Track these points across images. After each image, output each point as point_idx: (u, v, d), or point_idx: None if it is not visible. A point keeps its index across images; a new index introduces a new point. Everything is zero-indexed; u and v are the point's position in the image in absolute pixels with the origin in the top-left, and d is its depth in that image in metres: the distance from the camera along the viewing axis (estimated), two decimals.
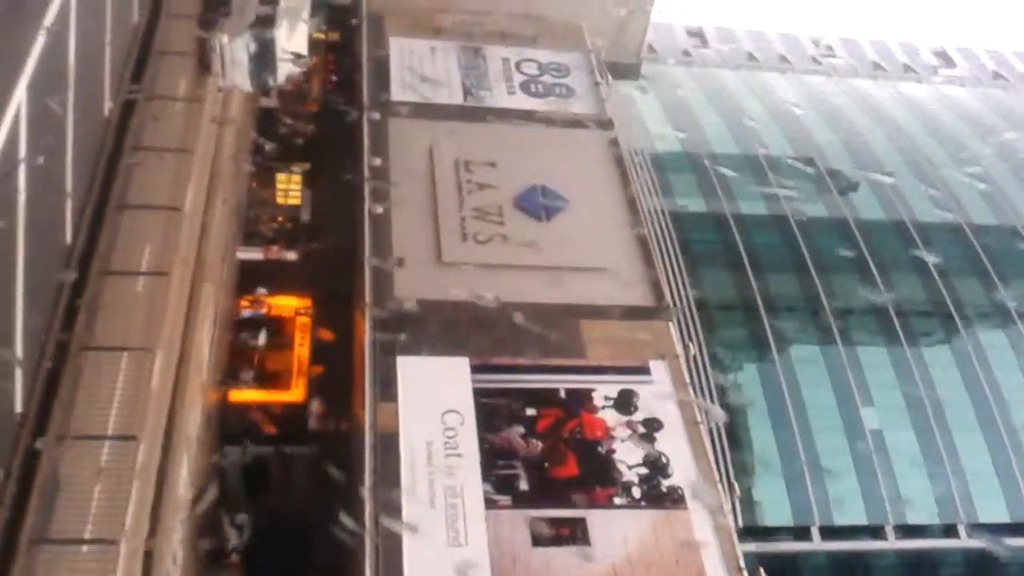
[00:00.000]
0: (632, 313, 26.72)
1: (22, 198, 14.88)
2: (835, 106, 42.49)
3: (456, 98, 33.73)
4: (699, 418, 24.48)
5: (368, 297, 24.78)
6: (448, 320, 24.98)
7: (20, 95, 14.88)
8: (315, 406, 24.73)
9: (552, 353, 24.91)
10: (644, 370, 25.14)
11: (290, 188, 29.36)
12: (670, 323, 26.75)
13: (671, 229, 31.37)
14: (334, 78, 34.83)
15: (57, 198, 17.36)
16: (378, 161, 29.30)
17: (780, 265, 31.95)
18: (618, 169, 31.96)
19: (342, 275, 26.63)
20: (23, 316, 14.96)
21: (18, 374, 14.96)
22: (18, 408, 15.05)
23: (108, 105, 20.98)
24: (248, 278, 26.85)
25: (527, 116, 33.34)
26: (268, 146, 29.22)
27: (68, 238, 17.89)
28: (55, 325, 16.73)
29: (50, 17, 16.29)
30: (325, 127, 31.71)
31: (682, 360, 25.53)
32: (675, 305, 27.95)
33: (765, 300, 30.30)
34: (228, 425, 23.79)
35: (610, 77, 36.62)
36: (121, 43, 22.01)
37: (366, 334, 23.83)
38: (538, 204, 29.59)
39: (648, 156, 34.60)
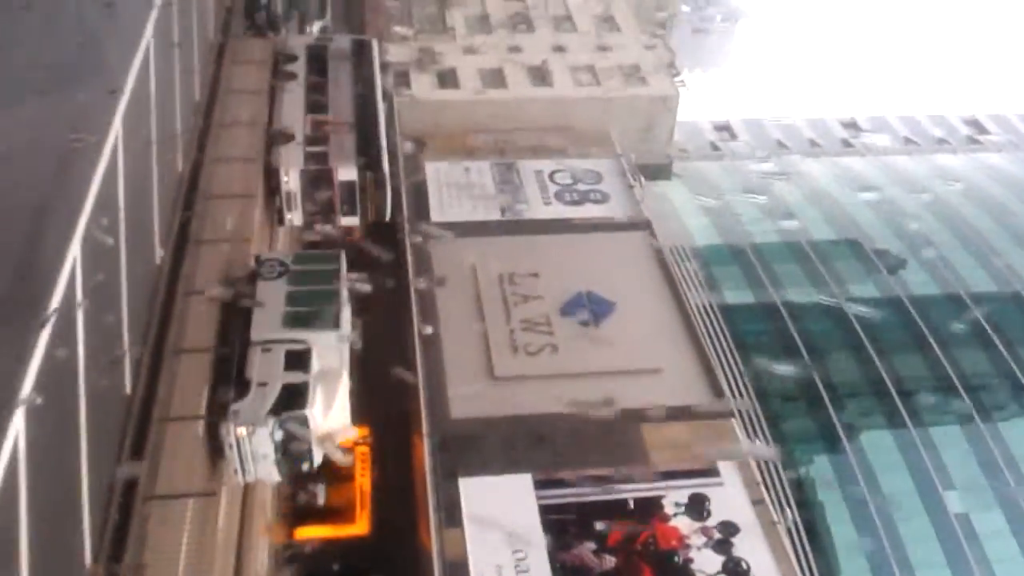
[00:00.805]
0: (693, 413, 26.15)
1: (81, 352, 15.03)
2: (872, 185, 42.29)
3: (494, 214, 34.16)
4: (775, 518, 23.58)
5: (425, 420, 24.49)
6: (507, 437, 24.59)
7: (75, 250, 15.23)
8: None
9: (616, 462, 24.32)
10: (713, 472, 24.42)
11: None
12: (734, 421, 26.11)
13: (722, 323, 30.92)
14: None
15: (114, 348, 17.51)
16: (423, 283, 29.48)
17: (838, 350, 31.26)
18: (661, 268, 31.89)
19: (397, 401, 26.40)
20: (88, 468, 14.89)
21: (86, 525, 14.79)
22: (88, 561, 14.81)
23: (159, 253, 21.39)
24: None
25: (565, 224, 33.57)
26: None
27: (128, 388, 17.95)
28: (119, 474, 16.62)
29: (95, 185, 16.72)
30: (369, 254, 32.05)
31: (751, 459, 24.76)
32: (736, 401, 27.28)
33: (828, 388, 29.52)
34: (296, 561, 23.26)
35: (643, 179, 36.94)
36: (167, 191, 22.58)
37: (425, 459, 23.48)
38: (585, 310, 29.50)
39: (690, 251, 34.48)
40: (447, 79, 41.36)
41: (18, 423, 12.24)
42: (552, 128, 38.27)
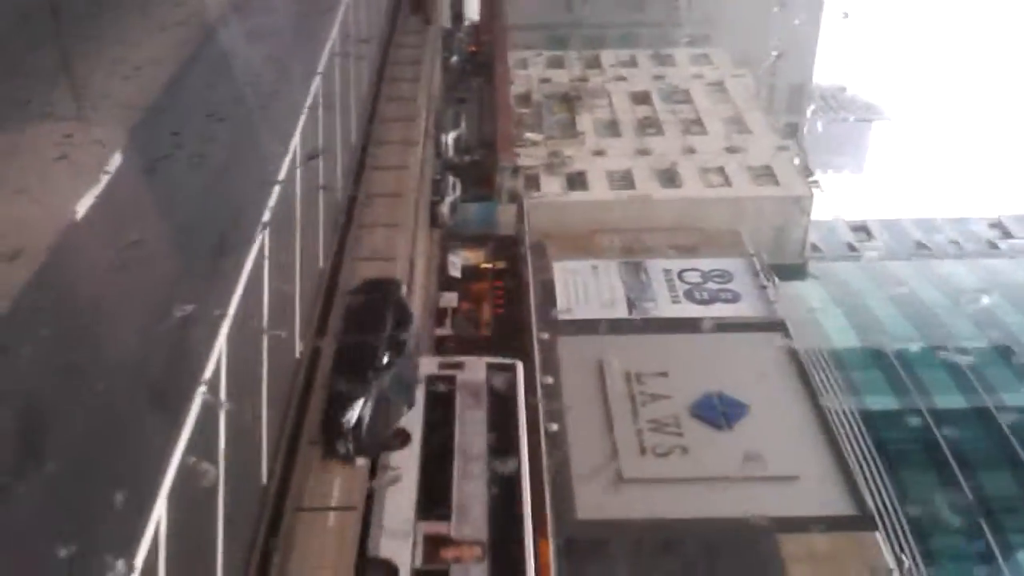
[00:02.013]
0: (834, 524, 24.79)
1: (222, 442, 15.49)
2: (1021, 288, 40.11)
3: (620, 312, 34.00)
4: None
5: (550, 523, 23.99)
6: (634, 541, 23.81)
7: (221, 344, 15.88)
8: None
9: (750, 573, 23.15)
10: None
11: None
12: (878, 533, 24.57)
13: (863, 430, 29.46)
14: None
15: (254, 438, 18.01)
16: (550, 379, 29.38)
17: (992, 463, 29.18)
18: (797, 370, 30.83)
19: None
20: (223, 559, 15.16)
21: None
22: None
23: (299, 348, 22.10)
24: None
25: (694, 324, 33.05)
26: None
27: (264, 478, 18.37)
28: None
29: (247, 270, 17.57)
30: (498, 350, 32.31)
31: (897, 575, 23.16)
32: (880, 514, 25.71)
33: (981, 502, 27.49)
34: None
35: (776, 279, 36.17)
36: (310, 287, 23.46)
37: (551, 564, 22.90)
38: (716, 412, 28.65)
39: (827, 355, 33.24)
40: (576, 181, 42.09)
41: (160, 509, 12.60)
42: (680, 228, 38.18)
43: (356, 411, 18.05)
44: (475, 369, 23.52)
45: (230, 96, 19.40)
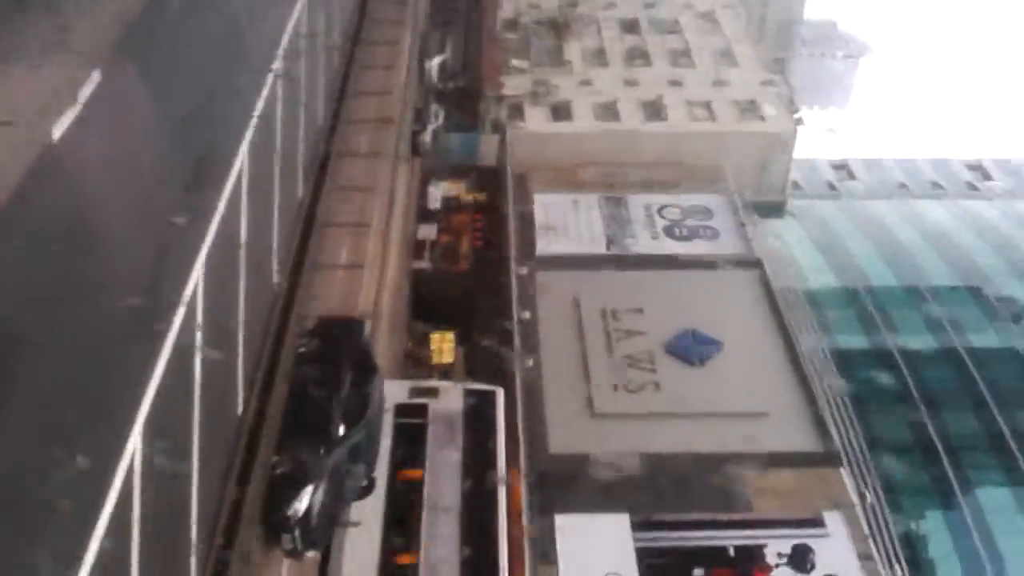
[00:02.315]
0: (800, 460, 25.44)
1: (197, 369, 15.65)
2: (998, 230, 40.47)
3: (600, 247, 34.08)
4: (883, 573, 22.63)
5: (522, 457, 24.50)
6: (605, 475, 24.37)
7: (198, 272, 15.94)
8: None
9: (717, 507, 23.82)
10: (818, 522, 23.63)
11: (444, 347, 29.90)
12: (842, 470, 25.24)
13: (834, 368, 30.00)
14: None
15: (228, 367, 18.17)
16: (527, 314, 29.62)
17: (957, 402, 29.89)
18: (772, 308, 31.16)
19: None
20: (197, 486, 15.44)
21: (193, 547, 15.30)
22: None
23: (276, 278, 22.15)
24: None
25: (672, 260, 33.24)
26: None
27: (239, 409, 18.59)
28: (227, 498, 17.16)
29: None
30: (475, 285, 32.46)
31: (859, 510, 23.87)
32: (846, 450, 26.36)
33: (944, 440, 28.24)
34: None
35: (755, 216, 36.29)
36: (288, 219, 23.38)
37: (521, 493, 23.45)
38: (690, 349, 29.04)
39: (802, 293, 33.61)
40: (561, 112, 41.68)
41: (135, 440, 12.82)
42: (663, 163, 38.05)
43: (304, 501, 14.98)
44: (450, 397, 21.19)
45: (214, 18, 19.07)
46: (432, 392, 21.30)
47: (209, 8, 18.52)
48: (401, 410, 20.04)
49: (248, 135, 19.49)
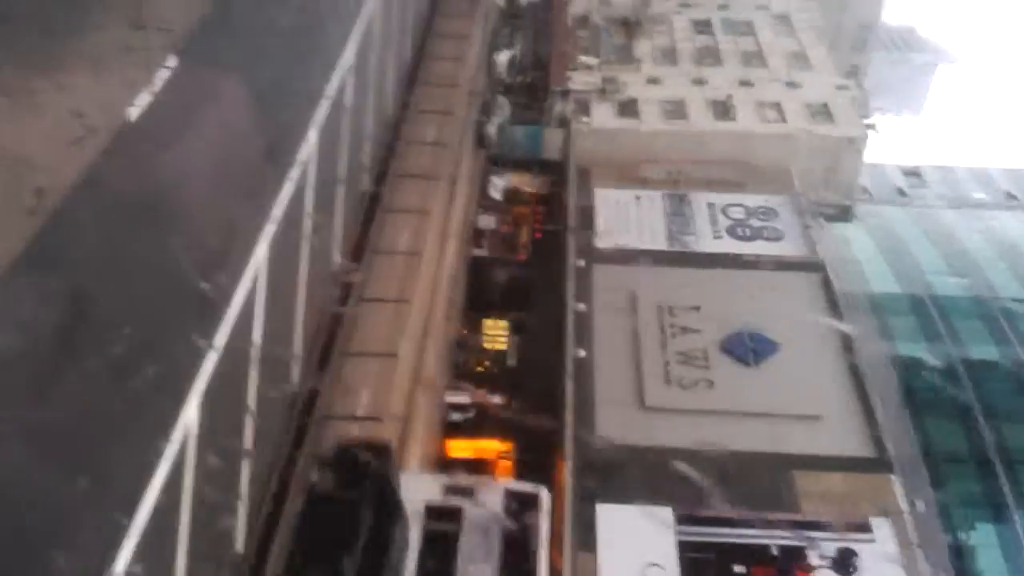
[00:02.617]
0: (851, 465, 25.18)
1: (256, 346, 16.30)
2: None
3: (660, 243, 34.05)
4: None
5: (568, 442, 24.77)
6: (651, 468, 24.47)
7: (261, 252, 16.60)
8: None
9: (763, 507, 23.70)
10: (865, 528, 23.37)
11: (497, 334, 30.31)
12: (894, 477, 24.91)
13: (893, 375, 29.55)
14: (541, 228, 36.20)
15: (285, 346, 18.83)
16: (582, 306, 29.83)
17: (1018, 415, 29.13)
18: (832, 312, 30.82)
19: (546, 419, 26.83)
20: (249, 459, 16.09)
21: (241, 514, 15.93)
22: (239, 548, 15.86)
23: (337, 259, 22.82)
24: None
25: (733, 260, 33.08)
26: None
27: (296, 385, 19.25)
28: (276, 469, 17.78)
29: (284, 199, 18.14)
30: (533, 274, 32.81)
31: (908, 518, 23.54)
32: (899, 457, 25.98)
33: (1001, 453, 27.61)
34: None
35: (821, 219, 35.87)
36: (353, 204, 24.05)
37: (566, 480, 23.72)
38: (746, 348, 28.89)
39: (865, 298, 33.11)
40: (628, 109, 41.70)
41: (192, 413, 13.45)
42: (729, 162, 37.82)
43: None
44: (489, 496, 18.51)
45: (289, 13, 19.76)
46: (468, 492, 18.60)
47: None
48: (432, 513, 17.86)
49: (318, 121, 20.19)
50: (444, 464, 24.58)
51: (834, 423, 26.80)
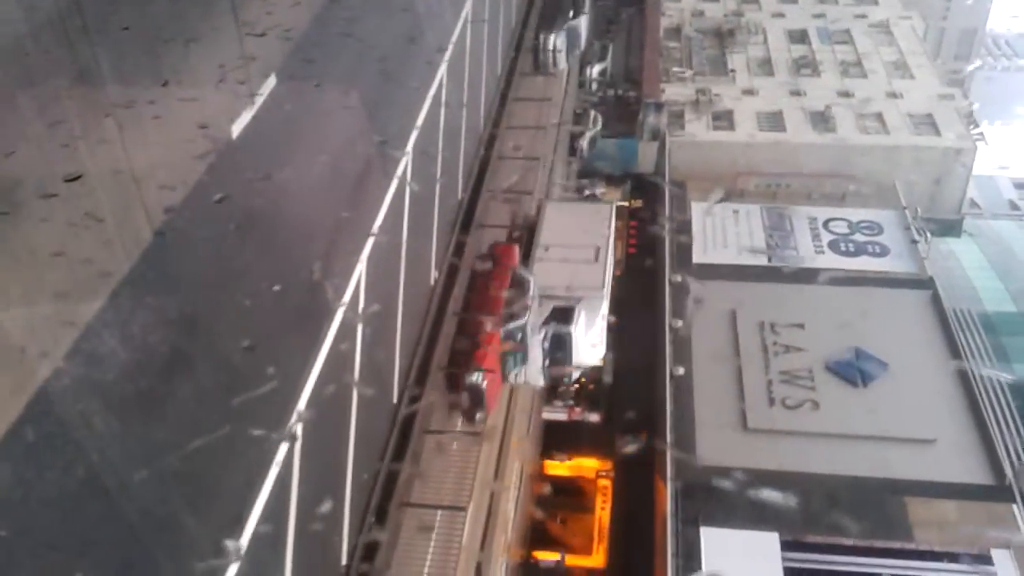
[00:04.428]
0: (968, 492, 23.87)
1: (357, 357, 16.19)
2: None
3: (760, 259, 33.12)
4: None
5: (669, 464, 24.07)
6: (756, 491, 23.58)
7: (360, 268, 16.50)
8: None
9: (873, 534, 22.64)
10: (985, 559, 22.13)
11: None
12: (1015, 505, 23.52)
13: (1009, 398, 28.00)
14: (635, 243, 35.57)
15: (387, 358, 18.71)
16: (679, 323, 29.10)
17: None
18: (943, 331, 29.45)
19: (644, 438, 26.19)
20: (352, 471, 15.96)
21: (345, 524, 15.81)
22: (343, 559, 15.80)
23: (434, 276, 22.70)
24: (551, 438, 27.16)
25: (837, 276, 31.90)
26: None
27: (394, 398, 19.11)
28: (379, 480, 17.65)
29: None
30: (627, 290, 32.18)
31: None
32: (1019, 485, 24.54)
33: None
34: None
35: (928, 234, 34.41)
36: (448, 220, 23.91)
37: (667, 502, 23.04)
38: (853, 368, 27.76)
39: (977, 317, 31.55)
40: (723, 120, 40.87)
41: (296, 428, 13.33)
42: (830, 175, 36.65)
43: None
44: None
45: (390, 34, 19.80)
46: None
47: (372, 30, 19.17)
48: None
49: (413, 138, 20.11)
50: (541, 478, 24.28)
51: (948, 447, 25.52)
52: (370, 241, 17.08)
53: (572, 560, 24.27)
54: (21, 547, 7.79)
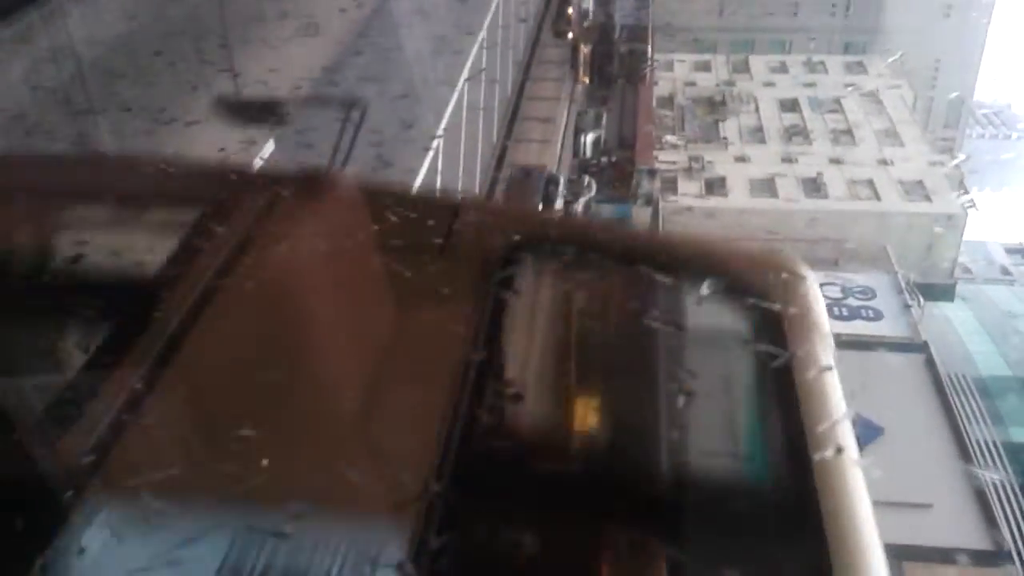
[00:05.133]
0: (967, 557, 23.54)
1: None
2: None
3: None
4: None
5: None
6: None
7: None
8: None
9: None
10: None
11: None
12: (1012, 568, 23.23)
13: (1006, 463, 27.85)
14: None
15: None
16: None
17: None
18: (938, 395, 29.36)
19: None
20: None
21: None
22: None
23: None
24: None
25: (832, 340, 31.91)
26: None
27: None
28: None
29: None
30: None
31: None
32: (1018, 549, 24.28)
33: None
34: None
35: (921, 299, 34.58)
36: None
37: None
38: None
39: (972, 381, 31.53)
40: (715, 186, 41.40)
41: None
42: (822, 239, 37.00)
43: None
44: None
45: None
46: None
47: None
48: None
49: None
50: None
51: (945, 512, 25.22)
52: None
53: None
54: None
